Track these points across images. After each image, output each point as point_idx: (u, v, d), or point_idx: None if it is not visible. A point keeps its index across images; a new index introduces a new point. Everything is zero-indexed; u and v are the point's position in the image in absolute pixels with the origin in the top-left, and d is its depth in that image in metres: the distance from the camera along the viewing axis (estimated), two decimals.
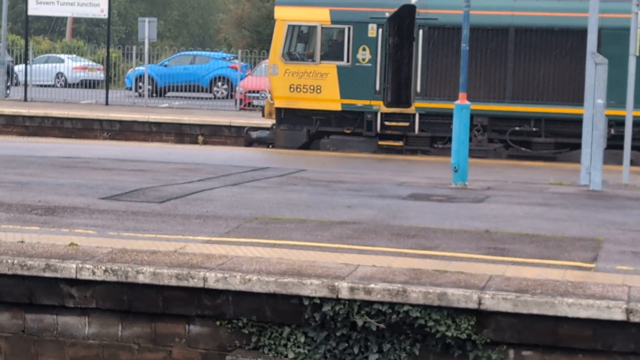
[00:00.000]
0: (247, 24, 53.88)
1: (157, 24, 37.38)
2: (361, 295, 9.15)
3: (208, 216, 12.43)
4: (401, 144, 23.06)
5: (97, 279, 9.65)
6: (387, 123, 23.01)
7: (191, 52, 45.09)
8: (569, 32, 21.93)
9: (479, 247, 10.93)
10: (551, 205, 14.49)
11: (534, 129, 22.33)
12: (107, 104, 35.13)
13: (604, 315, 8.69)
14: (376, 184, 16.31)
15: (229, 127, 28.68)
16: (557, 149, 22.39)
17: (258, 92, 34.40)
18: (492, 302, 8.90)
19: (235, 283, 9.39)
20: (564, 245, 11.17)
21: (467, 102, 16.86)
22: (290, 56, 23.41)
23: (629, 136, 17.60)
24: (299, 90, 23.18)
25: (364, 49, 22.85)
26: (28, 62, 37.07)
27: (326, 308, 9.25)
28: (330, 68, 23.07)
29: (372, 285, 9.16)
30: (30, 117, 30.47)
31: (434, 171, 18.97)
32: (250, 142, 25.15)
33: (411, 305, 9.07)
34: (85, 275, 9.66)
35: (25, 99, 35.78)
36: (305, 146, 23.58)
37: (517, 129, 22.42)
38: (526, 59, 22.12)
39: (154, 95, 39.77)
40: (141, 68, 38.32)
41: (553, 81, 22.10)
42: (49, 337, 9.93)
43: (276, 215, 12.59)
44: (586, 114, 17.05)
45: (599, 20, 17.71)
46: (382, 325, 9.19)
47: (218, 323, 9.59)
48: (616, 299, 8.81)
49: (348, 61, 22.98)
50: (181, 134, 29.28)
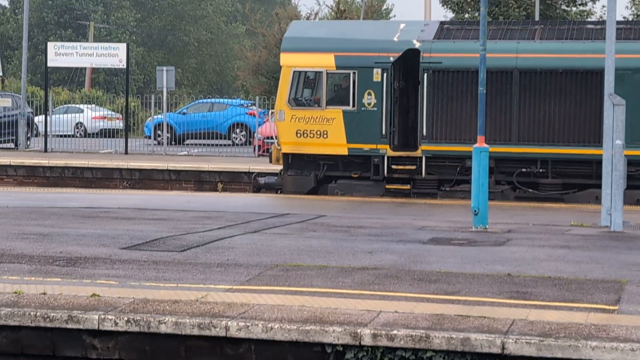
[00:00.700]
0: (264, 70, 54.13)
1: (174, 73, 37.60)
2: (384, 342, 9.12)
3: (229, 264, 12.44)
4: (408, 187, 23.07)
5: (120, 329, 9.65)
6: (393, 166, 23.04)
7: (209, 100, 45.31)
8: (573, 73, 21.97)
9: (501, 291, 10.90)
10: (573, 247, 14.44)
11: (541, 170, 22.30)
12: (126, 152, 35.28)
13: (629, 358, 8.63)
14: (397, 229, 16.30)
15: (248, 173, 28.73)
16: (565, 190, 22.33)
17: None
18: (515, 346, 8.85)
19: (258, 331, 9.38)
20: (586, 287, 11.12)
21: (485, 145, 16.87)
22: (296, 102, 23.52)
23: None
24: (305, 135, 23.27)
25: (369, 94, 22.94)
26: (48, 113, 37.29)
27: (349, 355, 9.22)
28: (336, 113, 23.15)
29: (395, 332, 9.13)
30: (51, 168, 30.60)
31: (454, 214, 18.95)
32: (258, 188, 25.24)
33: (434, 351, 9.04)
34: (108, 326, 9.67)
35: (46, 150, 35.98)
36: (313, 191, 23.62)
37: (524, 170, 22.38)
38: (531, 100, 22.13)
39: (173, 143, 39.92)
40: (160, 116, 38.51)
41: (559, 122, 22.09)
42: None
43: (297, 262, 12.59)
44: (605, 155, 17.02)
45: (601, 61, 17.73)
46: None
47: None
48: None
49: (354, 106, 23.07)
50: (200, 181, 29.35)
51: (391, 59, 22.89)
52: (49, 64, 37.04)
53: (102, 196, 23.33)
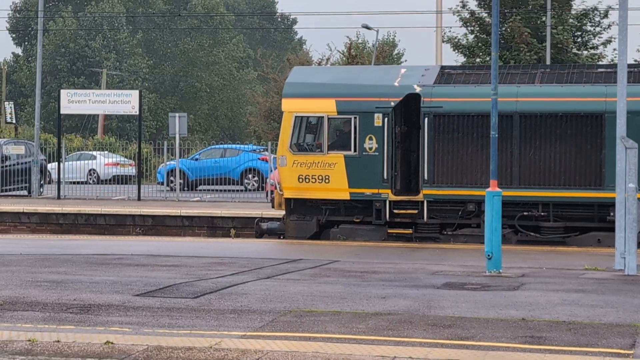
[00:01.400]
0: (276, 115, 54.34)
1: (187, 119, 37.73)
2: None
3: (242, 310, 12.42)
4: (410, 231, 23.07)
5: None
6: (395, 211, 23.05)
7: (221, 146, 45.44)
8: (573, 117, 22.00)
9: (515, 335, 10.85)
10: (587, 291, 14.39)
11: (542, 213, 22.27)
12: (139, 199, 35.35)
13: None
14: (410, 274, 16.27)
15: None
16: (567, 233, 22.28)
17: None
18: None
19: None
20: (601, 332, 11.07)
21: (498, 190, 16.86)
22: (298, 147, 23.60)
23: None
24: (307, 180, 23.33)
25: (370, 138, 23.01)
26: (61, 160, 37.43)
27: None
28: (337, 158, 23.22)
29: None
30: (64, 215, 30.69)
31: (467, 259, 18.91)
32: (261, 234, 25.31)
33: None
34: None
35: (59, 197, 36.08)
36: (316, 236, 23.65)
37: (526, 214, 22.34)
38: (532, 144, 22.14)
39: (186, 189, 40.00)
40: (172, 162, 38.63)
41: (559, 165, 22.09)
42: None
43: (310, 308, 12.57)
44: (618, 197, 16.98)
45: (601, 105, 17.77)
46: None
47: None
48: None
49: (355, 151, 23.13)
50: (213, 227, 29.37)
51: (392, 103, 22.98)
52: (62, 111, 37.21)
53: (115, 243, 23.35)
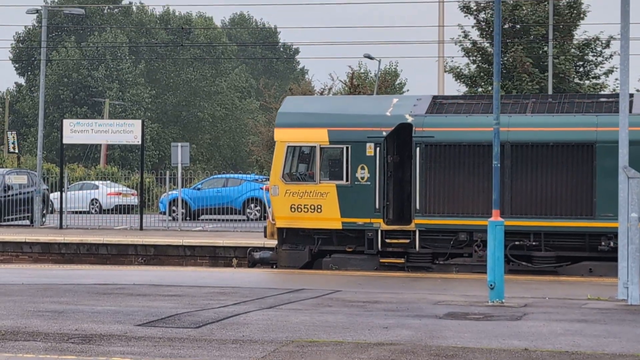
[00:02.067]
0: None
1: (189, 148, 37.78)
2: None
3: (244, 340, 12.39)
4: (402, 261, 23.05)
5: None
6: (387, 240, 23.04)
7: (224, 175, 45.48)
8: (564, 146, 22.03)
9: None
10: (590, 321, 14.35)
11: (534, 243, 22.25)
12: (141, 228, 35.33)
13: None
14: (412, 304, 16.23)
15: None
16: (558, 263, 22.26)
17: None
18: None
19: None
20: None
21: (500, 219, 16.85)
22: (290, 176, 23.63)
23: None
24: (299, 210, 23.35)
25: (362, 168, 23.04)
26: (63, 189, 37.44)
27: None
28: (330, 187, 23.23)
29: None
30: (66, 244, 30.64)
31: (469, 289, 18.87)
32: (253, 263, 25.33)
33: None
34: None
35: (61, 226, 36.06)
36: (308, 265, 23.63)
37: (517, 243, 22.29)
38: (523, 173, 22.14)
39: (188, 218, 39.98)
40: (174, 192, 38.63)
41: (551, 195, 22.09)
42: None
43: (312, 338, 12.53)
44: (621, 227, 16.97)
45: (592, 134, 17.80)
46: None
47: None
48: None
49: (347, 180, 23.15)
50: (215, 257, 29.31)
51: (384, 133, 23.01)
52: (64, 141, 37.24)
53: (117, 272, 23.32)
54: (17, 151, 67.97)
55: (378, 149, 22.95)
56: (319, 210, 23.19)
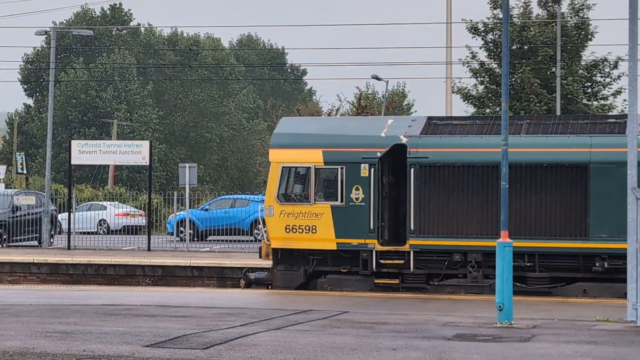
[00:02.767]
0: None
1: (197, 169, 37.82)
2: None
3: None
4: (397, 281, 23.03)
5: None
6: (382, 261, 23.04)
7: (231, 196, 45.51)
8: (558, 167, 22.02)
9: None
10: (599, 343, 14.29)
11: (528, 264, 22.22)
12: (149, 249, 35.34)
13: None
14: (420, 325, 16.19)
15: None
16: (552, 284, 22.23)
17: None
18: None
19: None
20: None
21: (509, 240, 16.82)
22: (285, 197, 23.64)
23: None
24: (294, 230, 23.36)
25: (357, 189, 23.04)
26: (71, 210, 37.49)
27: None
28: (324, 208, 23.24)
29: None
30: (74, 265, 30.66)
31: (478, 310, 18.82)
32: (248, 284, 25.33)
33: None
34: None
35: (69, 247, 36.10)
36: (303, 286, 23.63)
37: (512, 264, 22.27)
38: (518, 194, 22.10)
39: (195, 239, 40.00)
40: (182, 213, 38.67)
41: (545, 216, 22.06)
42: None
43: None
44: (630, 249, 16.93)
45: (586, 155, 17.81)
46: None
47: None
48: None
49: (342, 201, 23.16)
50: (223, 277, 29.30)
51: (378, 154, 23.03)
52: (72, 162, 37.34)
53: (125, 293, 23.30)
54: (25, 172, 68.13)
55: (372, 169, 22.99)
56: (313, 231, 23.22)
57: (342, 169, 23.17)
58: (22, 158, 68.58)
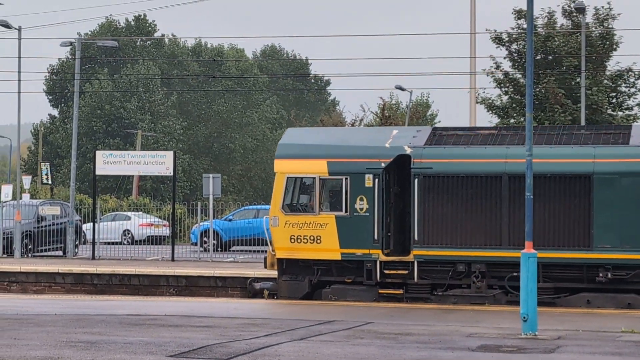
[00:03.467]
0: None
1: (220, 180, 37.88)
2: None
3: None
4: (401, 292, 23.04)
5: None
6: (386, 271, 23.06)
7: (255, 206, 45.56)
8: (562, 178, 21.96)
9: None
10: (624, 354, 14.21)
11: None
12: (173, 259, 35.40)
13: None
14: (444, 336, 16.14)
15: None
16: (556, 294, 22.14)
17: None
18: None
19: None
20: None
21: (533, 251, 16.77)
22: (290, 207, 23.71)
23: None
24: (299, 240, 23.41)
25: (361, 199, 23.06)
26: (96, 220, 37.61)
27: None
28: (329, 218, 23.26)
29: None
30: (98, 275, 30.74)
31: (502, 321, 18.76)
32: (254, 294, 25.36)
33: None
34: None
35: (93, 257, 36.20)
36: (308, 296, 23.67)
37: (515, 274, 22.08)
38: (520, 204, 22.01)
39: (219, 249, 40.03)
40: (206, 223, 38.72)
41: (548, 226, 22.00)
42: None
43: None
44: None
45: (589, 166, 17.73)
46: None
47: None
48: None
49: (346, 211, 23.19)
50: (246, 288, 29.27)
51: (382, 164, 23.05)
52: (97, 172, 37.46)
53: (149, 303, 23.35)
54: (50, 182, 68.42)
55: (377, 180, 23.00)
56: (318, 241, 23.26)
57: (346, 179, 23.21)
58: (47, 169, 68.89)
